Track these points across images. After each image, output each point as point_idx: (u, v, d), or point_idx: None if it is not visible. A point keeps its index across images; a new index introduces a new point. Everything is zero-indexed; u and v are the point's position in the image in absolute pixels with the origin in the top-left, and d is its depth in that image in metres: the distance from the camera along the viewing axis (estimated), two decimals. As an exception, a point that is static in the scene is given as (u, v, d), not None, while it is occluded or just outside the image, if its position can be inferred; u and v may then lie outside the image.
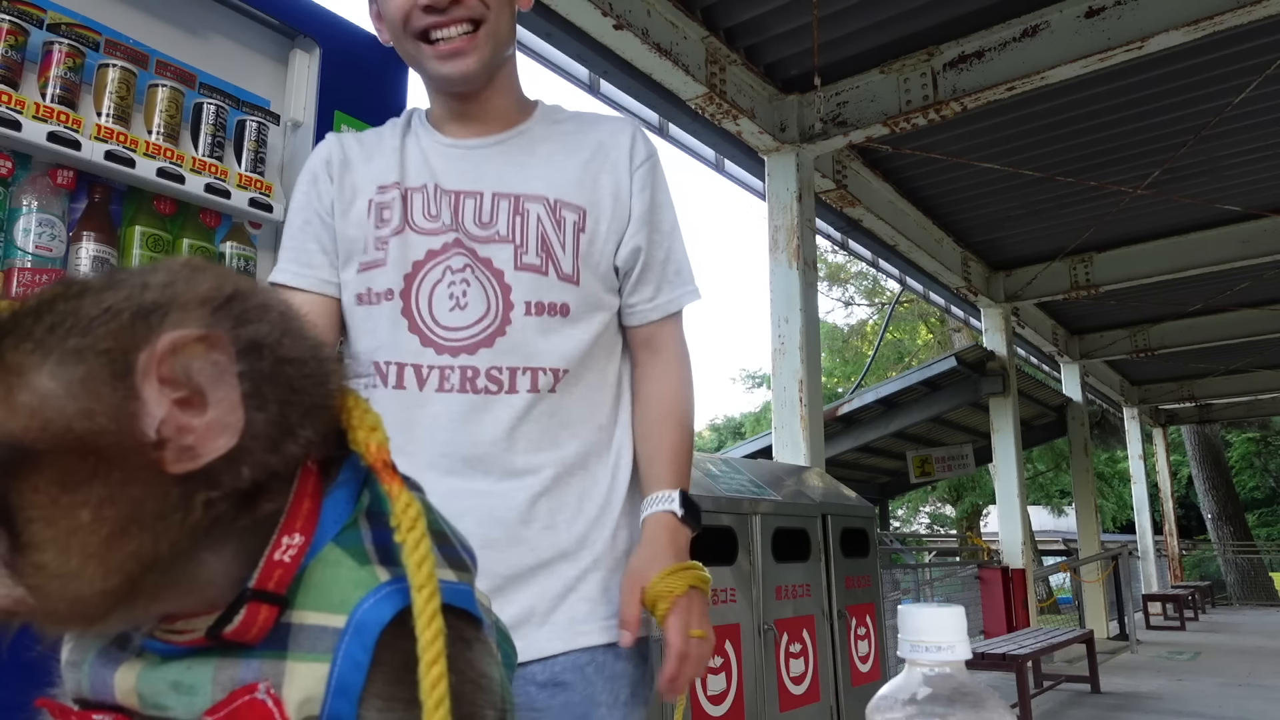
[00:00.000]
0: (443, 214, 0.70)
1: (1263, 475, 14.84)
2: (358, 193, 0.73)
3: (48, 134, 1.13)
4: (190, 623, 0.22)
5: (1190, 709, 3.89)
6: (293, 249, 0.75)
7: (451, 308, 0.69)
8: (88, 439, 0.19)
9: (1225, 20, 2.66)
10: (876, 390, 6.34)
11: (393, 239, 0.70)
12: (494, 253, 0.70)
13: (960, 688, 0.33)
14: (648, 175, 0.75)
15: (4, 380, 0.19)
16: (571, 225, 0.71)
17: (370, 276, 0.71)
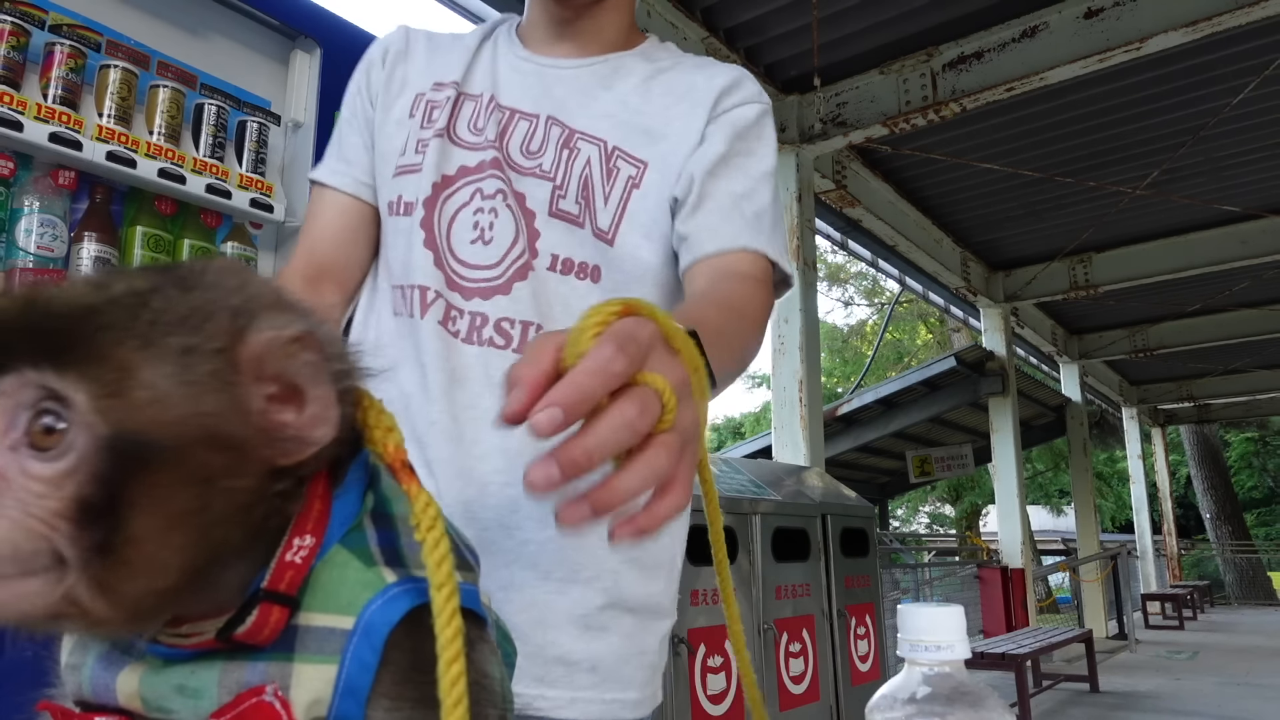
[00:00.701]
0: (488, 129, 0.60)
1: (1261, 475, 14.86)
2: (407, 85, 0.63)
3: (49, 135, 1.13)
4: (198, 625, 0.22)
5: (1189, 708, 3.90)
6: (336, 140, 0.65)
7: (474, 239, 0.58)
8: (203, 434, 0.20)
9: (1224, 21, 2.67)
10: (876, 390, 6.35)
11: (434, 141, 0.60)
12: (531, 189, 0.59)
13: (959, 687, 0.33)
14: (725, 126, 0.60)
15: (115, 377, 0.19)
16: (625, 179, 0.59)
17: (403, 183, 0.61)
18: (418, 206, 0.59)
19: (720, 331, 0.44)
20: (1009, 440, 5.42)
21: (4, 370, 0.19)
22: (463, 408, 0.56)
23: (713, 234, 0.57)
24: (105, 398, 0.19)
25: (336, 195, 0.63)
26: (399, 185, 0.61)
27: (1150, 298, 5.75)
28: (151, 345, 0.20)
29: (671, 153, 0.60)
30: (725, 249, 0.57)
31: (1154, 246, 5.05)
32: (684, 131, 0.60)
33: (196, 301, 0.21)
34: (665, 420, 0.26)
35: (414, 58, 0.65)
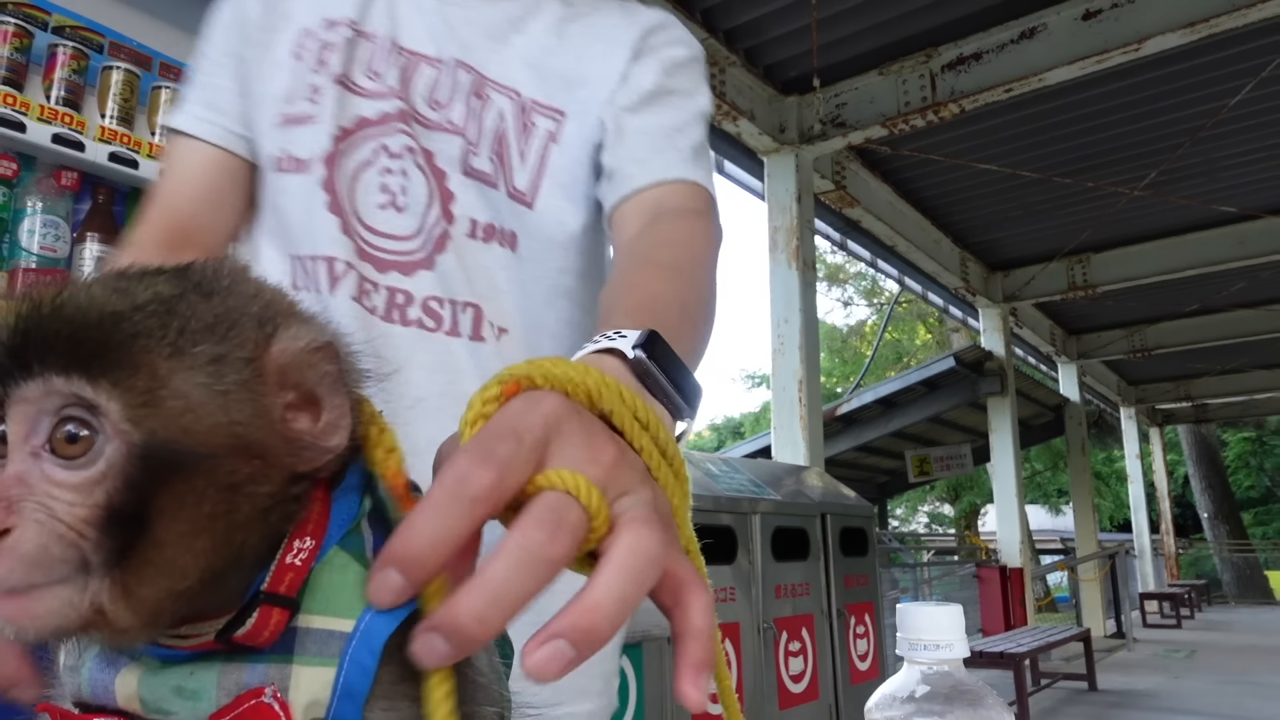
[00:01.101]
0: (388, 76, 0.52)
1: (1258, 474, 14.89)
2: (290, 20, 0.54)
3: (52, 136, 1.13)
4: (197, 627, 0.22)
5: (1186, 706, 3.91)
6: (199, 86, 0.55)
7: (384, 204, 0.51)
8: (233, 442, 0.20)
9: (1221, 23, 2.67)
10: (875, 390, 6.36)
11: (330, 88, 0.51)
12: (440, 145, 0.52)
13: (958, 686, 0.33)
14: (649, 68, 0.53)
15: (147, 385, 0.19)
16: (543, 134, 0.53)
17: (292, 135, 0.51)
18: (315, 164, 0.51)
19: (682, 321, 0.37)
20: (1008, 440, 5.43)
21: (28, 376, 0.19)
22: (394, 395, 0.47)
23: (642, 166, 0.50)
24: (139, 406, 0.19)
25: (201, 146, 0.53)
26: (286, 137, 0.52)
27: (1148, 298, 5.76)
28: (183, 354, 0.20)
29: (591, 99, 0.53)
30: (659, 180, 0.50)
31: (1152, 247, 5.07)
32: (604, 73, 0.53)
33: (220, 309, 0.22)
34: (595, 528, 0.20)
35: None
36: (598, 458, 0.21)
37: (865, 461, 7.13)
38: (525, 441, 0.20)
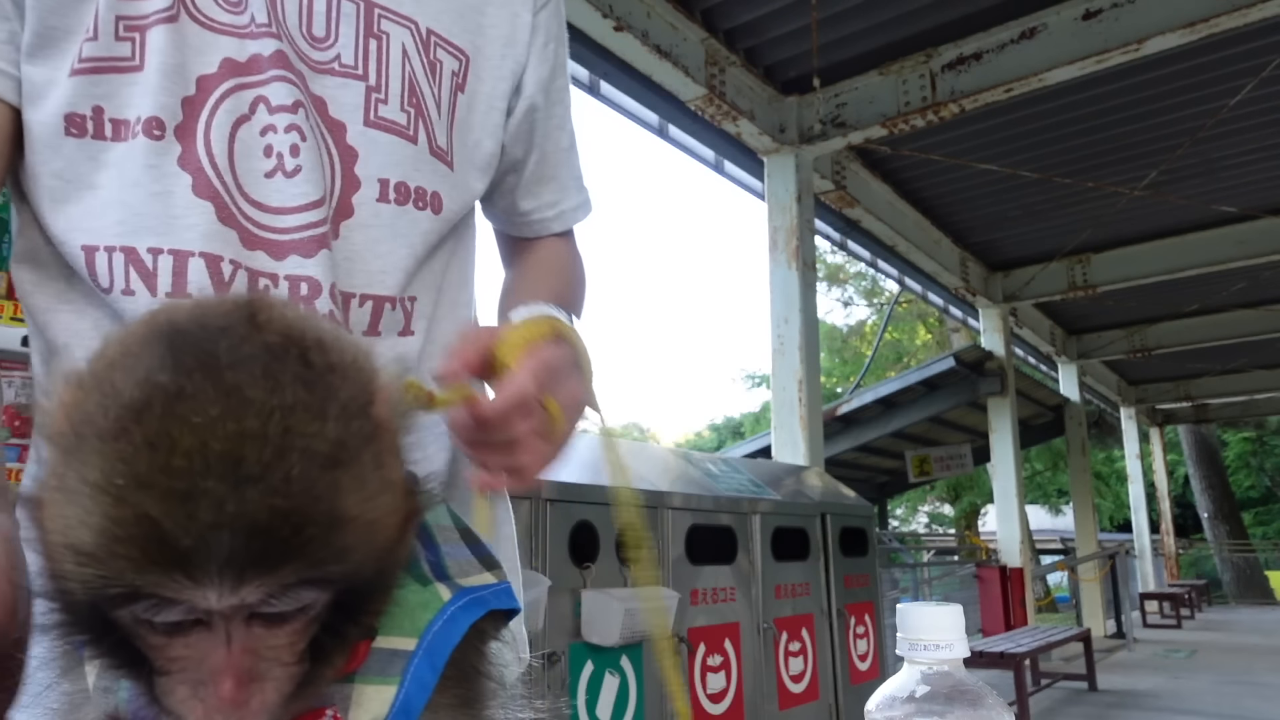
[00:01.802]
0: (252, 4, 0.40)
1: (1258, 474, 14.90)
2: None
3: (52, 136, 1.13)
4: None
5: (1186, 706, 3.92)
6: None
7: (271, 170, 0.40)
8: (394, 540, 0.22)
9: (1221, 23, 2.68)
10: (875, 390, 6.36)
11: (156, 28, 0.39)
12: (333, 91, 0.42)
13: (958, 686, 0.33)
14: (554, 22, 0.51)
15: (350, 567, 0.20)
16: (449, 76, 0.45)
17: (103, 85, 0.38)
18: (163, 131, 0.39)
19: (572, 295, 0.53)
20: (1008, 440, 5.43)
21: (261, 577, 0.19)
22: None
23: (559, 215, 0.55)
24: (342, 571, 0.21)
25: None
26: (93, 89, 0.38)
27: (1148, 298, 5.77)
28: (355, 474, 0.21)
29: (499, 52, 0.48)
30: (564, 230, 0.56)
31: (1152, 247, 5.07)
32: (508, 22, 0.48)
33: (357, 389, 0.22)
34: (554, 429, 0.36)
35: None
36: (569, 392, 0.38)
37: (865, 461, 7.13)
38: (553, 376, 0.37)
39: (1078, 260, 5.30)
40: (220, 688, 0.20)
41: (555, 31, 0.51)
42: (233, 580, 0.19)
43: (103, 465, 0.18)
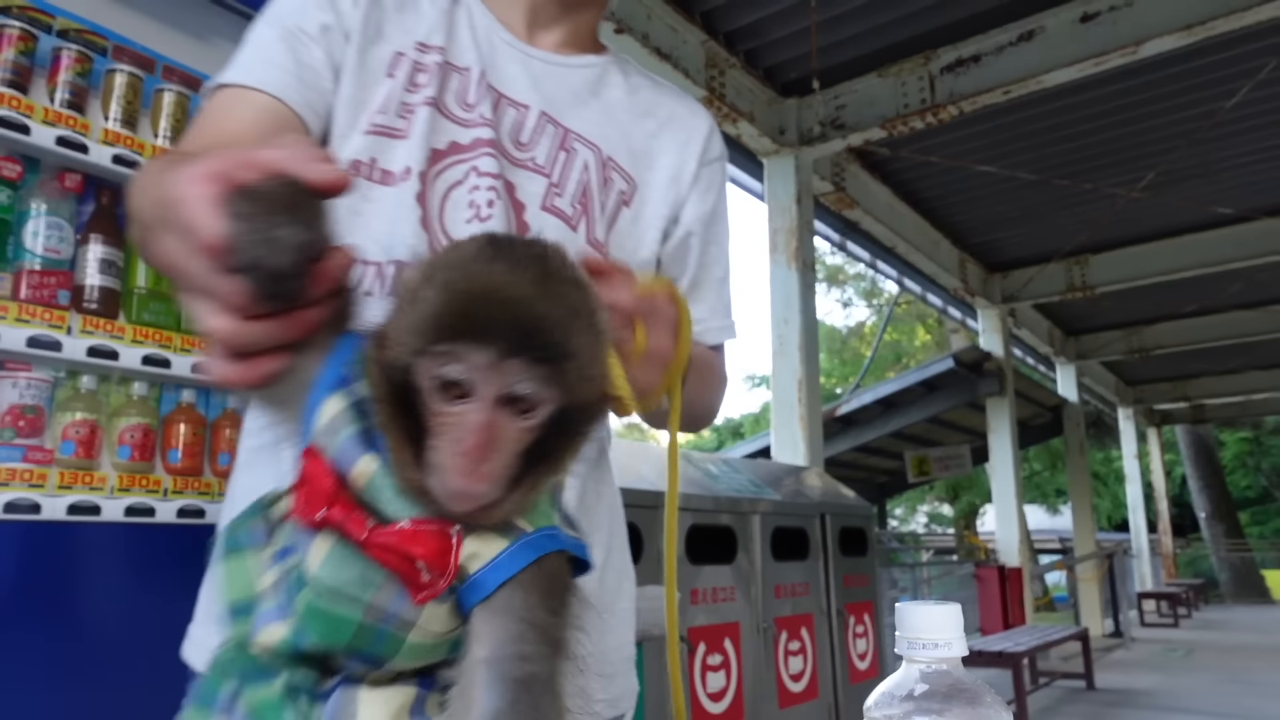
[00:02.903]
0: (481, 107, 0.55)
1: (1255, 474, 14.92)
2: (383, 37, 0.55)
3: (56, 138, 1.14)
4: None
5: (1184, 705, 3.93)
6: (280, 50, 0.52)
7: (469, 219, 0.53)
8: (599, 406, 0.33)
9: (1218, 26, 2.69)
10: (875, 391, 6.37)
11: (422, 109, 0.54)
12: (522, 180, 0.55)
13: (957, 684, 0.34)
14: (718, 175, 0.65)
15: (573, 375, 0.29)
16: (617, 194, 0.59)
17: (380, 145, 0.53)
18: (409, 178, 0.52)
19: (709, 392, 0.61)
20: (1006, 440, 5.44)
21: (509, 356, 0.29)
22: None
23: (706, 330, 0.64)
24: (565, 386, 0.29)
25: (278, 108, 0.50)
26: (373, 146, 0.53)
27: (1146, 299, 5.78)
28: (594, 342, 0.31)
29: (659, 184, 0.62)
30: (715, 343, 0.65)
31: (1150, 248, 5.08)
32: (675, 166, 0.63)
33: (595, 302, 0.32)
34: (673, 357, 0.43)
35: (385, 5, 0.57)
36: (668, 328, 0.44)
37: (865, 462, 7.14)
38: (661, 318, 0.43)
39: (1076, 261, 5.31)
40: (470, 442, 0.28)
41: (717, 183, 0.65)
42: (503, 354, 0.28)
43: (439, 281, 0.29)
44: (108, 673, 1.09)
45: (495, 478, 0.29)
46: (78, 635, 1.07)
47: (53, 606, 1.06)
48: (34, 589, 1.05)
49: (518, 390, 0.28)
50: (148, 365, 1.20)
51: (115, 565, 1.13)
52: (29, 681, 1.02)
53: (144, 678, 1.13)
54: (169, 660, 1.26)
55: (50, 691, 1.04)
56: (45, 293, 1.14)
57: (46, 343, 1.11)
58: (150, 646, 1.14)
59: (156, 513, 1.18)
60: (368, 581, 0.29)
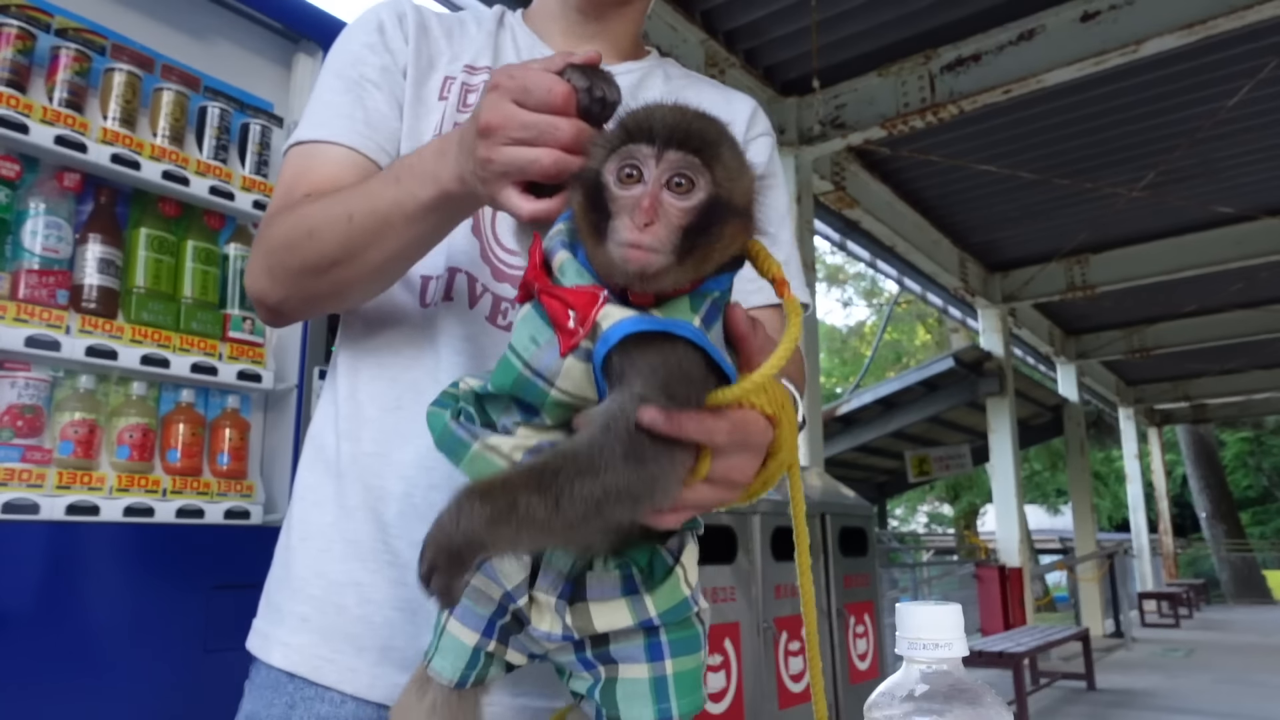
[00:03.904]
0: None
1: (1256, 474, 14.91)
2: (435, 65, 0.60)
3: (55, 137, 1.13)
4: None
5: (1185, 705, 3.92)
6: (348, 102, 0.57)
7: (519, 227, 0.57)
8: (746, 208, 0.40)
9: (1219, 24, 2.68)
10: (875, 390, 6.37)
11: None
12: None
13: (957, 685, 0.34)
14: (763, 150, 0.66)
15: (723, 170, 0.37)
16: None
17: None
18: None
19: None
20: (1006, 440, 5.44)
21: (673, 149, 0.37)
22: None
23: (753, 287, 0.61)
24: (717, 178, 0.37)
25: (354, 157, 0.56)
26: None
27: (1147, 298, 5.78)
28: (737, 158, 0.39)
29: None
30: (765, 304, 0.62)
31: (1150, 248, 5.08)
32: None
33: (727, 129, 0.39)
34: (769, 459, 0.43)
35: (433, 35, 0.62)
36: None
37: (865, 461, 7.14)
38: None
39: (1076, 261, 5.31)
40: (641, 208, 0.36)
41: (765, 156, 0.66)
42: (665, 146, 0.36)
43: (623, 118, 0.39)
44: (107, 672, 1.09)
45: (660, 239, 0.36)
46: (77, 635, 1.07)
47: (51, 607, 1.06)
48: (33, 589, 1.05)
49: (678, 171, 0.36)
50: (146, 365, 1.20)
51: (114, 565, 1.13)
52: (28, 681, 1.02)
53: (143, 677, 1.13)
54: (168, 659, 1.26)
55: (49, 691, 1.04)
56: (44, 292, 1.14)
57: (45, 342, 1.11)
58: (149, 646, 1.13)
59: (155, 513, 1.18)
60: (535, 338, 0.38)
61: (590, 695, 0.42)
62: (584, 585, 0.41)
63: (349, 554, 0.54)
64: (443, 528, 0.35)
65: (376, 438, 0.56)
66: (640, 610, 0.41)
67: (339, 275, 0.51)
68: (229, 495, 1.28)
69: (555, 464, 0.35)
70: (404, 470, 0.54)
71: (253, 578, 0.63)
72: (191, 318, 1.28)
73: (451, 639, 0.43)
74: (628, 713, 0.41)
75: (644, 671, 0.41)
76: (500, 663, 0.44)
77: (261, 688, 0.55)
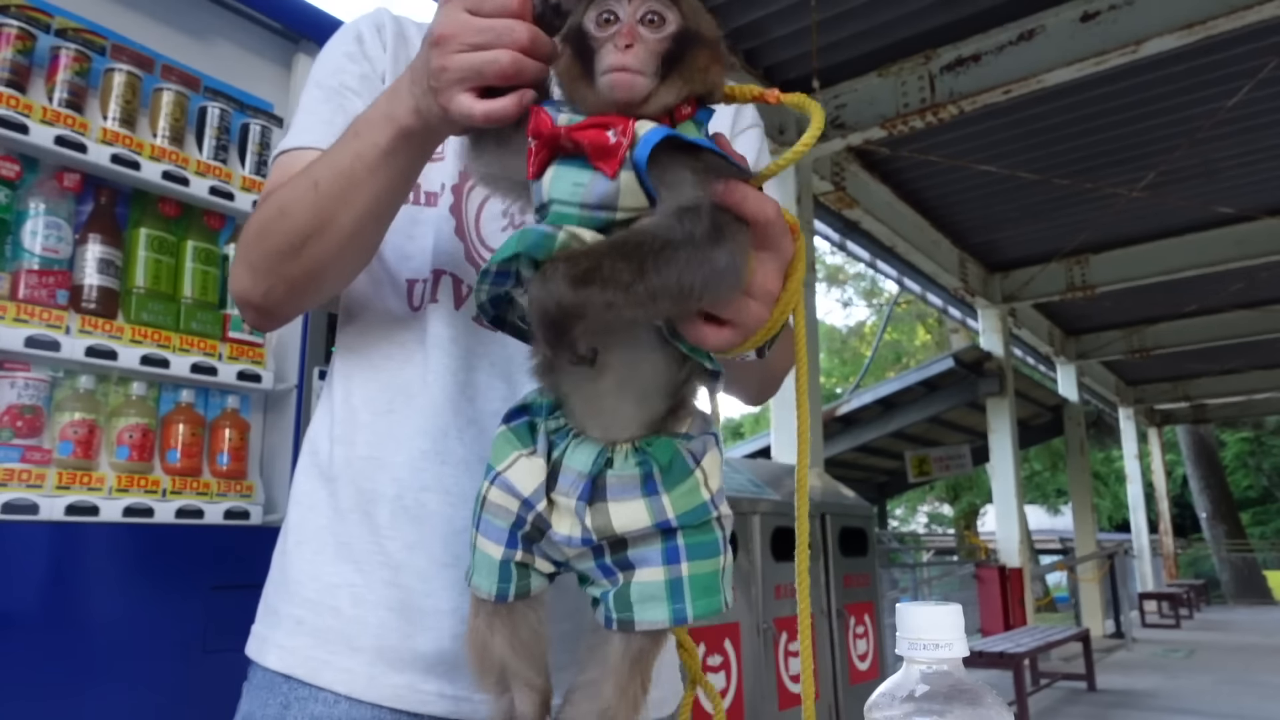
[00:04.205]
0: None
1: (1256, 474, 14.90)
2: None
3: (55, 137, 1.13)
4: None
5: (1185, 706, 3.92)
6: (329, 110, 0.58)
7: (504, 227, 0.57)
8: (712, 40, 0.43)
9: (1218, 24, 2.68)
10: (875, 391, 6.37)
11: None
12: None
13: (957, 685, 0.34)
14: (752, 143, 0.67)
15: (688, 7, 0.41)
16: None
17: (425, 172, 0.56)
18: (444, 194, 0.58)
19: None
20: (1007, 440, 5.44)
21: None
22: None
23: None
24: (685, 13, 0.41)
25: None
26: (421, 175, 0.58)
27: (1147, 298, 5.77)
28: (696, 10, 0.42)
29: None
30: None
31: (1150, 248, 5.08)
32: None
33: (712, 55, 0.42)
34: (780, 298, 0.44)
35: (412, 42, 0.63)
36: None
37: (865, 461, 7.13)
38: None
39: (1076, 261, 5.31)
40: (621, 35, 0.39)
41: (755, 149, 0.67)
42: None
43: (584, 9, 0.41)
44: (105, 672, 1.09)
45: (642, 62, 0.39)
46: (76, 635, 1.07)
47: (51, 607, 1.06)
48: (32, 590, 1.05)
49: (650, 9, 0.40)
50: (146, 365, 1.20)
51: (113, 566, 1.13)
52: (27, 681, 1.02)
53: (142, 677, 1.13)
54: (167, 659, 1.26)
55: (48, 691, 1.04)
56: (43, 292, 1.14)
57: (45, 342, 1.11)
58: (148, 646, 1.13)
59: (155, 513, 1.18)
60: (577, 182, 0.39)
61: (604, 600, 0.42)
62: (603, 486, 0.41)
63: (342, 556, 0.55)
64: (534, 297, 0.36)
65: (370, 441, 0.56)
66: (659, 510, 0.41)
67: (313, 251, 0.50)
68: (228, 496, 1.27)
69: (637, 238, 0.37)
70: (396, 473, 0.55)
71: (252, 578, 0.63)
72: (191, 318, 1.28)
73: (481, 555, 0.44)
74: (642, 614, 0.41)
75: (660, 574, 0.41)
76: (536, 575, 0.44)
77: (258, 689, 0.55)
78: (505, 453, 0.44)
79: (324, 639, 0.54)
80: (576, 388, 0.42)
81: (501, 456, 0.44)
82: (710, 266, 0.37)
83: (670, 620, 0.41)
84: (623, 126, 0.38)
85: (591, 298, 0.36)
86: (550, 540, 0.43)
